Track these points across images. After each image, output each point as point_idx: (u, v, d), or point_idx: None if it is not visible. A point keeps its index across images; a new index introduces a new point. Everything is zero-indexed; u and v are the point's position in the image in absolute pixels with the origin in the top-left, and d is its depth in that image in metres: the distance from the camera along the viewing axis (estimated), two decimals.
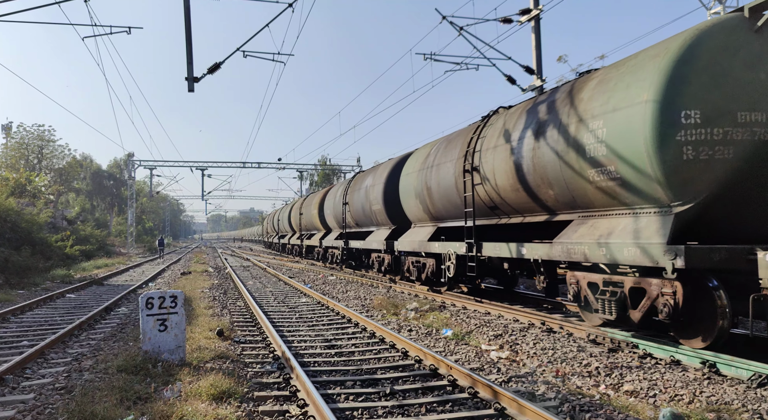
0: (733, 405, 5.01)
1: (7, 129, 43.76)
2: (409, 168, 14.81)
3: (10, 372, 6.40)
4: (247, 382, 5.84)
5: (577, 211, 8.26)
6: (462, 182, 11.22)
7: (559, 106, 8.35)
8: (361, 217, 19.16)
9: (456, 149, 11.86)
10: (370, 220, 18.40)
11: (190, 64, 12.49)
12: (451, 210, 12.39)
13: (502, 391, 4.94)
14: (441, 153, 12.79)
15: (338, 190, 23.15)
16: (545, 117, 8.63)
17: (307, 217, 29.44)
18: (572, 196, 8.10)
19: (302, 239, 32.09)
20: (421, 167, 13.74)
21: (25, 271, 18.26)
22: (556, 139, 8.11)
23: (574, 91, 8.16)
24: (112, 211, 63.51)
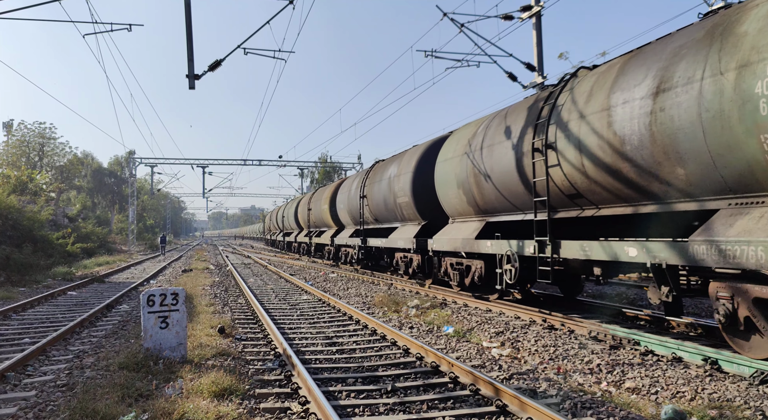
0: (735, 402, 5.00)
1: (9, 127, 43.78)
2: (448, 152, 12.61)
3: (12, 369, 6.41)
4: (249, 380, 5.84)
5: (727, 196, 6.09)
6: (530, 164, 9.07)
7: (697, 49, 6.17)
8: (383, 212, 17.14)
9: (517, 124, 9.72)
10: (394, 215, 16.33)
11: (190, 62, 12.47)
12: (507, 201, 10.28)
13: (504, 388, 4.94)
14: (494, 131, 10.55)
15: (353, 183, 21.02)
16: (672, 67, 6.41)
17: (317, 213, 27.44)
18: (721, 176, 5.96)
19: (310, 237, 29.86)
20: (466, 151, 11.55)
21: (27, 269, 18.27)
22: (697, 95, 5.97)
23: (729, 25, 5.91)
24: (113, 209, 63.54)
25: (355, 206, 20.21)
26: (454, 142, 12.51)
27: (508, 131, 10.01)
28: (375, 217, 18.03)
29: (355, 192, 20.22)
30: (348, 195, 21.35)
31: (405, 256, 15.73)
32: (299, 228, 34.86)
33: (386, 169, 17.00)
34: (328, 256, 25.79)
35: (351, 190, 20.96)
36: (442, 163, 12.81)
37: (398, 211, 15.80)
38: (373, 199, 17.77)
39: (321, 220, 26.93)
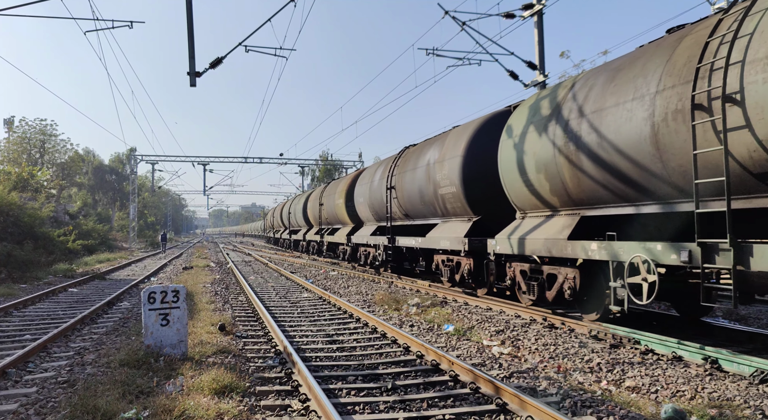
0: (735, 401, 5.01)
1: (10, 123, 43.78)
2: (519, 126, 9.81)
3: (13, 365, 6.43)
4: (249, 377, 5.85)
5: None
6: (681, 131, 6.22)
7: None
8: (417, 206, 14.55)
9: (651, 74, 6.80)
10: (432, 210, 13.73)
11: (192, 59, 12.47)
12: (623, 186, 7.34)
13: (504, 387, 4.94)
14: (602, 90, 7.66)
15: (376, 172, 18.38)
16: None
17: (330, 209, 24.87)
18: None
19: (322, 235, 26.84)
20: (549, 122, 8.74)
21: (28, 266, 18.31)
22: None
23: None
24: (114, 206, 63.58)
25: (379, 200, 17.51)
26: (529, 113, 9.59)
27: (630, 84, 7.09)
28: (405, 211, 15.53)
29: (379, 183, 17.53)
30: (369, 187, 18.72)
31: (449, 259, 12.94)
32: (308, 225, 32.01)
33: (422, 154, 14.32)
34: (343, 256, 23.17)
35: (374, 182, 18.28)
36: (511, 141, 9.95)
37: (439, 205, 13.18)
38: (404, 191, 15.19)
39: (334, 217, 24.49)
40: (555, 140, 8.54)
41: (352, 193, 21.88)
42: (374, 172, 18.94)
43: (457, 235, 11.93)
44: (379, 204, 17.66)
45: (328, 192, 25.93)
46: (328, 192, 25.93)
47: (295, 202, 35.99)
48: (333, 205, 24.21)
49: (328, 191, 25.81)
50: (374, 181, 18.30)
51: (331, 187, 25.99)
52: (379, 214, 17.98)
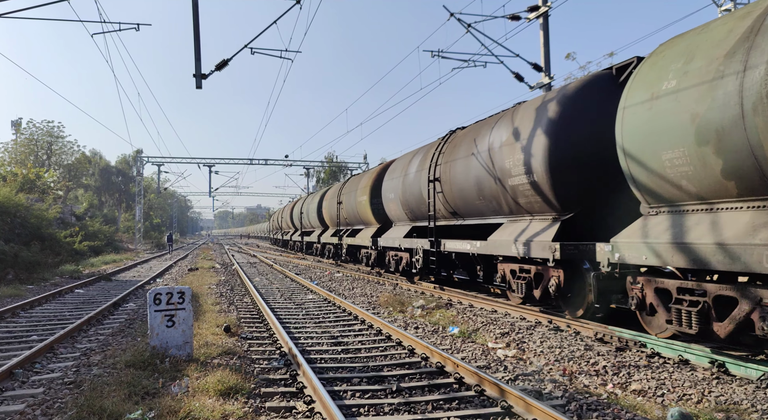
0: (742, 405, 4.98)
1: (17, 125, 44.08)
2: (659, 81, 6.65)
3: (20, 366, 6.46)
4: (254, 378, 5.86)
5: None
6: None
7: None
8: (472, 202, 11.68)
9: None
10: (495, 206, 10.86)
11: (198, 61, 12.52)
12: None
13: (509, 390, 4.93)
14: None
15: (412, 163, 15.27)
16: None
17: (350, 207, 22.11)
18: None
19: (341, 237, 23.58)
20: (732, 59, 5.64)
21: (35, 267, 18.41)
22: None
23: None
24: (120, 207, 63.88)
25: (416, 195, 14.65)
26: (679, 60, 6.48)
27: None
28: (454, 209, 12.67)
29: (416, 176, 14.69)
30: (402, 181, 15.77)
31: (524, 269, 10.04)
32: (323, 226, 28.84)
33: (478, 137, 11.41)
34: (366, 261, 20.24)
35: (408, 175, 15.34)
36: (646, 104, 6.77)
37: (507, 200, 10.33)
38: (452, 184, 12.38)
39: (356, 216, 21.58)
40: (751, 82, 5.39)
41: (378, 188, 19.00)
42: (408, 163, 15.79)
43: (542, 238, 9.12)
44: (416, 200, 14.81)
45: (348, 188, 22.86)
46: (348, 188, 22.86)
47: (309, 201, 32.22)
48: (354, 203, 21.19)
49: (349, 187, 22.75)
50: (409, 173, 15.35)
51: (351, 182, 22.85)
52: (416, 212, 15.14)
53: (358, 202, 20.76)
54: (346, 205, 23.00)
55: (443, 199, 13.11)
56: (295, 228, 36.38)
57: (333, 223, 25.79)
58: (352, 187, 22.22)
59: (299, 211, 33.98)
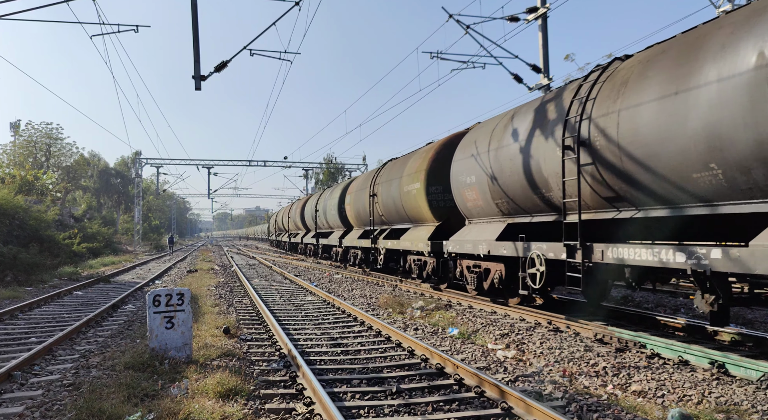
0: (742, 406, 4.97)
1: (16, 127, 44.05)
2: None
3: (19, 368, 6.44)
4: (254, 380, 5.85)
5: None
6: None
7: None
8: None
9: None
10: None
11: (197, 63, 12.52)
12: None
13: (509, 391, 4.93)
14: None
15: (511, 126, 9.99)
16: None
17: (391, 200, 16.32)
18: None
19: (375, 239, 18.03)
20: None
21: (33, 269, 18.37)
22: None
23: None
24: (119, 209, 63.83)
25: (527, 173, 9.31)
26: None
27: None
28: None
29: (525, 145, 9.33)
30: (495, 155, 10.30)
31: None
32: (345, 227, 23.63)
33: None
34: (419, 272, 14.98)
35: (507, 144, 9.89)
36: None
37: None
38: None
39: (399, 212, 15.86)
40: None
41: (441, 171, 13.41)
42: (505, 127, 10.28)
43: None
44: (520, 185, 9.55)
45: (387, 175, 17.06)
46: (387, 175, 17.06)
47: (327, 197, 26.66)
48: (398, 195, 15.58)
49: (388, 174, 16.96)
50: (510, 142, 9.82)
51: (391, 168, 17.00)
52: (522, 202, 9.76)
53: (405, 193, 15.15)
54: (384, 197, 17.15)
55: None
56: (306, 229, 31.01)
57: (360, 222, 20.35)
58: (394, 173, 16.43)
59: (313, 208, 28.23)
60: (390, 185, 16.50)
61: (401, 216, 16.03)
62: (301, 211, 34.21)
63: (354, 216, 21.23)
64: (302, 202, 34.61)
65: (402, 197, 15.39)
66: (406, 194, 15.06)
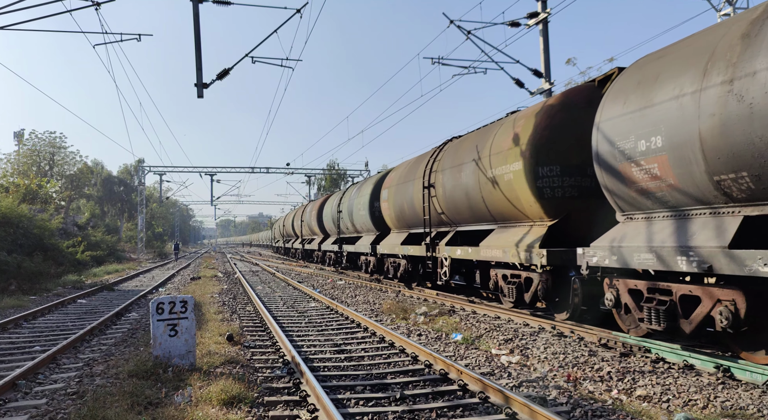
0: (748, 410, 4.94)
1: (20, 136, 44.27)
2: None
3: (23, 377, 6.45)
4: (258, 387, 5.84)
5: None
6: None
7: None
8: None
9: None
10: None
11: (199, 71, 12.59)
12: None
13: (513, 396, 4.91)
14: None
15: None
16: None
17: (455, 191, 12.47)
18: None
19: (434, 246, 13.80)
20: None
21: (37, 277, 18.42)
22: None
23: None
24: (123, 217, 63.98)
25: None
26: None
27: None
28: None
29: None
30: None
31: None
32: (379, 229, 19.36)
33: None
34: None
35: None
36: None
37: None
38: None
39: (473, 206, 11.86)
40: None
41: (559, 143, 9.35)
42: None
43: None
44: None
45: (452, 157, 12.79)
46: (452, 157, 12.79)
47: (352, 196, 22.33)
48: (474, 183, 11.49)
49: (453, 156, 12.74)
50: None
51: (460, 148, 12.58)
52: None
53: (491, 179, 11.36)
54: (446, 189, 13.69)
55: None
56: (325, 234, 29.18)
57: (401, 224, 17.04)
58: (464, 156, 12.69)
59: (333, 210, 26.38)
60: (458, 171, 12.14)
61: (478, 213, 11.69)
62: (318, 213, 29.77)
63: (394, 216, 16.91)
64: (319, 203, 30.52)
65: (482, 187, 11.07)
66: (490, 181, 10.72)
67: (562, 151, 9.23)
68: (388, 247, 17.08)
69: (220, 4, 13.21)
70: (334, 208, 25.56)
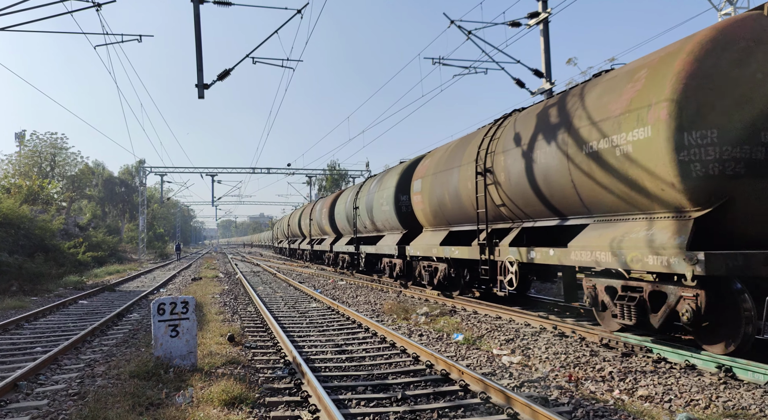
0: (750, 410, 4.93)
1: (21, 137, 44.33)
2: None
3: (24, 378, 6.45)
4: (259, 388, 5.84)
5: None
6: None
7: None
8: None
9: None
10: None
11: (200, 71, 12.59)
12: None
13: (515, 396, 4.90)
14: None
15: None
16: None
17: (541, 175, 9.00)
18: None
19: (487, 245, 10.92)
20: None
21: (39, 278, 18.43)
22: None
23: None
24: (124, 218, 64.04)
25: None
26: None
27: None
28: None
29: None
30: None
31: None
32: (406, 227, 16.59)
33: None
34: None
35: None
36: None
37: None
38: None
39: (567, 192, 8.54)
40: None
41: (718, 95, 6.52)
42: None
43: None
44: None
45: (524, 131, 9.74)
46: (524, 131, 9.74)
47: (372, 189, 19.46)
48: (556, 163, 8.62)
49: (524, 125, 9.83)
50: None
51: (546, 117, 9.25)
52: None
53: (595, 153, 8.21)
54: (512, 171, 9.39)
55: None
56: (338, 233, 26.66)
57: (442, 220, 13.79)
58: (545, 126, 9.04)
59: (348, 207, 23.56)
60: (530, 150, 9.22)
61: (562, 203, 8.75)
62: (329, 210, 27.08)
63: (429, 211, 14.02)
64: (331, 200, 27.78)
65: (571, 168, 8.17)
66: (587, 159, 7.84)
67: (721, 109, 6.37)
68: (422, 248, 14.23)
69: (220, 5, 13.21)
70: (349, 204, 22.60)
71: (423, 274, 14.70)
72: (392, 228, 17.47)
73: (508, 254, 10.11)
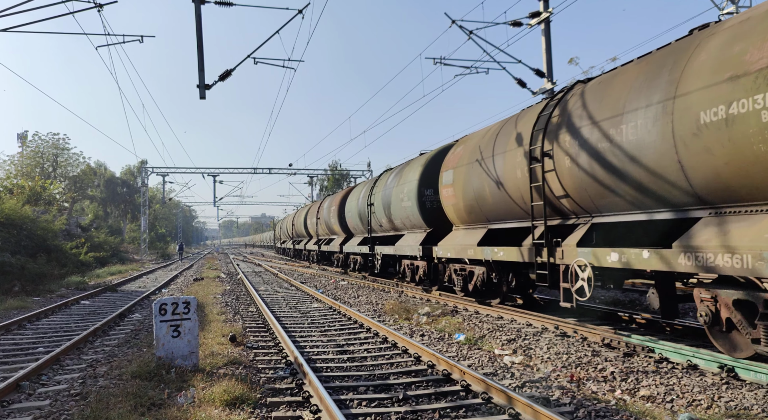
0: (752, 410, 4.92)
1: (23, 138, 44.42)
2: None
3: (26, 378, 6.46)
4: (260, 388, 5.85)
5: None
6: None
7: None
8: None
9: None
10: None
11: (201, 72, 12.60)
12: None
13: (517, 397, 4.90)
14: None
15: None
16: None
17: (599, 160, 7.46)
18: None
19: (543, 245, 8.88)
20: None
21: (41, 278, 18.47)
22: None
23: None
24: (126, 218, 64.10)
25: None
26: None
27: None
28: None
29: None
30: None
31: None
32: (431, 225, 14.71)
33: None
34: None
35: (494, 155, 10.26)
36: None
37: None
38: None
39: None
40: None
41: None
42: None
43: None
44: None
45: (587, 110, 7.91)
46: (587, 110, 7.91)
47: (390, 184, 17.40)
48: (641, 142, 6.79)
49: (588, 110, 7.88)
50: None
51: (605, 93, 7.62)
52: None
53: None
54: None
55: None
56: (348, 233, 24.70)
57: (480, 216, 11.60)
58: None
59: (361, 204, 21.32)
60: (611, 126, 7.28)
61: (654, 189, 6.86)
62: (338, 208, 25.10)
63: (463, 206, 12.06)
64: (340, 197, 25.76)
65: (678, 142, 6.26)
66: (704, 129, 5.89)
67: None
68: (453, 248, 12.19)
69: (222, 5, 13.22)
70: (362, 201, 20.63)
71: (454, 278, 12.65)
72: (414, 226, 15.58)
73: (576, 256, 8.10)
